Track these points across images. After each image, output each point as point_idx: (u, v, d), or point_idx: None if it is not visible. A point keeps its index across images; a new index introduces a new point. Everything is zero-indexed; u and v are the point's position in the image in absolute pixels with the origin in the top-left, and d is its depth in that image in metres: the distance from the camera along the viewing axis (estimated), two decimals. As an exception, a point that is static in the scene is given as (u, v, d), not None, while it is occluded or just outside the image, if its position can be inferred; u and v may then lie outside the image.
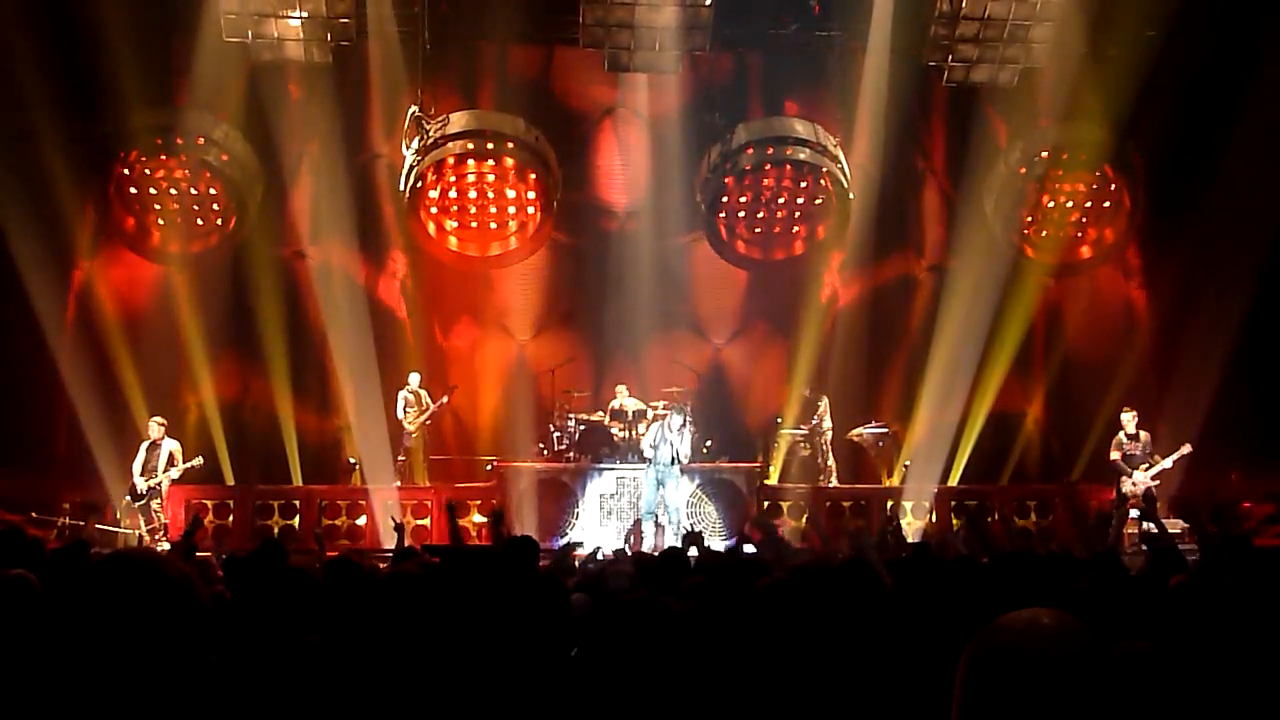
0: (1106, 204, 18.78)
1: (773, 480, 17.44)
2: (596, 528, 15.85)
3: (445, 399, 17.41)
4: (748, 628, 4.06)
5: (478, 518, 16.01)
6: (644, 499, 15.35)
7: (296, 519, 16.00)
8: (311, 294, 17.95)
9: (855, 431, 18.23)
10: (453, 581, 4.45)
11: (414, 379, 17.30)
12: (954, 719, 2.05)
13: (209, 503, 15.88)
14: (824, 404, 17.60)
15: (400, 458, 17.12)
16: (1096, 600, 4.11)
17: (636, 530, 15.10)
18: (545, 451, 17.26)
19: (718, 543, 15.30)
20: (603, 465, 16.45)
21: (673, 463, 15.22)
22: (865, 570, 4.70)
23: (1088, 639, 2.02)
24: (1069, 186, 18.68)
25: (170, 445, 15.17)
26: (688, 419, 15.88)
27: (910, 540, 13.44)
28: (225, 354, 17.94)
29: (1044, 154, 18.45)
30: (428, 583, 4.18)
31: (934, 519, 16.15)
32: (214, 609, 5.06)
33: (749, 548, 8.88)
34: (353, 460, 17.35)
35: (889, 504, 16.19)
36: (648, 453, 15.38)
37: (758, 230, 19.36)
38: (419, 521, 15.85)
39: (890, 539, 8.72)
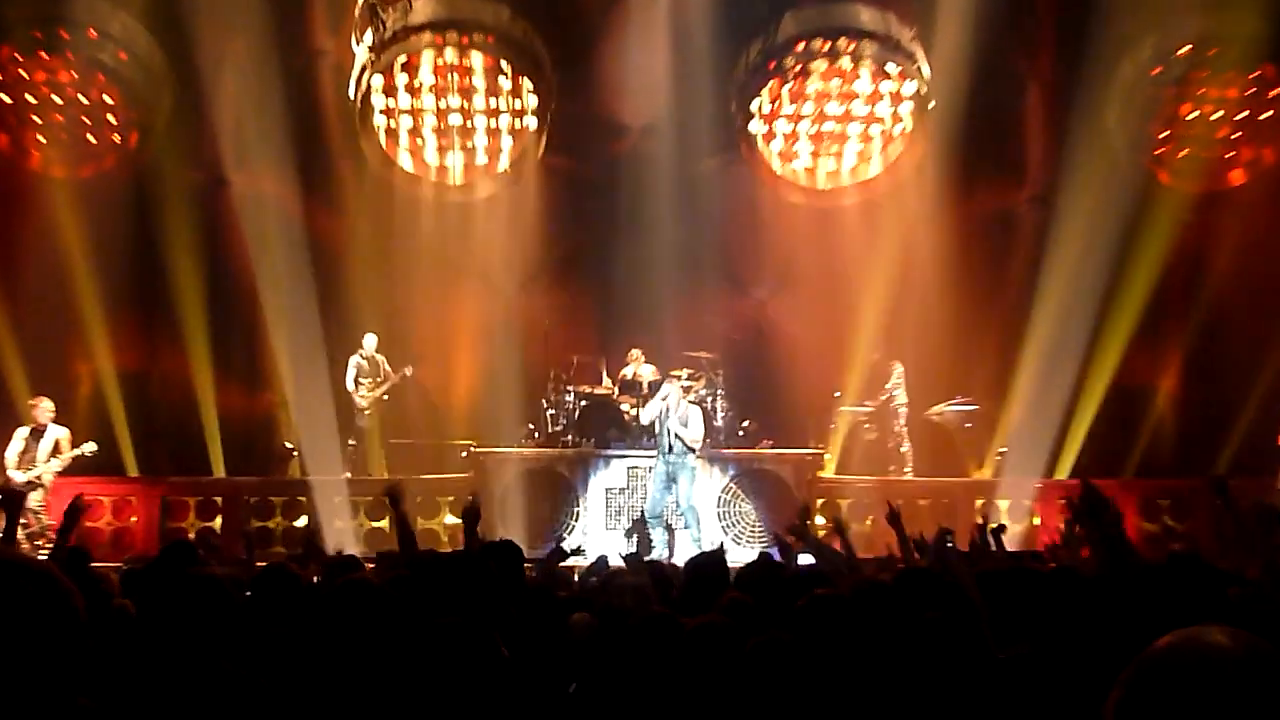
0: (1266, 115, 18.61)
1: (829, 471, 17.48)
2: (601, 531, 15.94)
3: (409, 369, 17.45)
4: (793, 655, 4.05)
5: (449, 519, 16.08)
6: (649, 498, 15.39)
7: (218, 520, 16.05)
8: (237, 234, 17.97)
9: (935, 409, 18.20)
10: (416, 596, 4.45)
11: (369, 342, 17.35)
12: None
13: (105, 499, 15.95)
14: (897, 373, 17.54)
15: (351, 442, 17.21)
16: (1264, 619, 4.07)
17: (641, 534, 15.14)
18: (536, 434, 17.31)
19: (752, 552, 15.28)
20: (610, 452, 16.50)
21: (677, 450, 15.16)
22: (948, 586, 4.68)
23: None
24: (1216, 93, 18.48)
25: (57, 432, 15.18)
26: (700, 388, 15.88)
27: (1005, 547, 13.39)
28: (126, 310, 17.97)
29: (1184, 50, 18.30)
30: (384, 597, 4.18)
31: (1037, 521, 16.13)
32: (109, 630, 5.07)
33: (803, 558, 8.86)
34: (290, 445, 17.44)
35: (979, 502, 16.13)
36: (661, 442, 15.41)
37: (810, 150, 19.25)
38: (375, 524, 15.91)
39: (981, 544, 8.68)
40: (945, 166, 18.70)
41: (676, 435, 15.11)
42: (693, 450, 15.25)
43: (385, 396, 17.41)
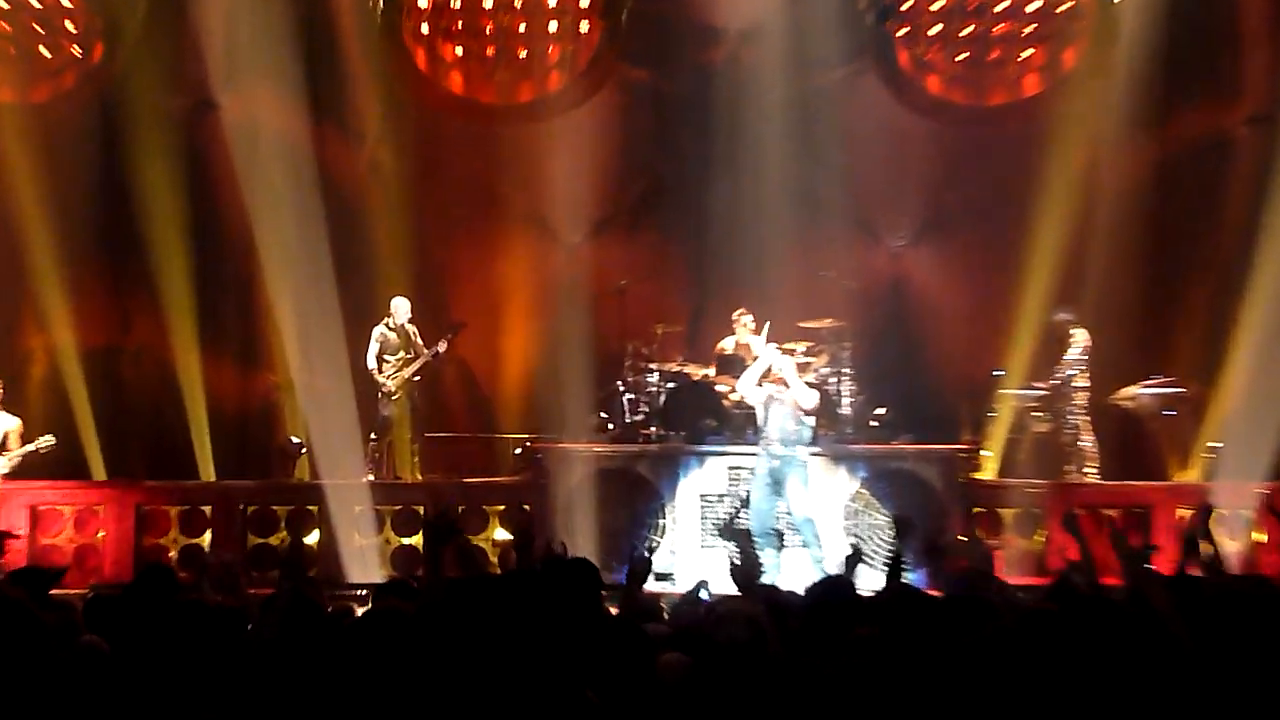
0: None
1: (987, 472, 17.42)
2: (695, 549, 16.03)
3: (444, 342, 17.48)
4: (950, 705, 4.04)
5: (500, 534, 16.13)
6: (752, 508, 15.37)
7: (207, 535, 16.15)
8: (228, 172, 18.10)
9: (1127, 392, 18.02)
10: (467, 629, 4.45)
11: (398, 308, 17.40)
12: None
13: (65, 508, 16.06)
14: (1079, 343, 17.35)
15: (374, 436, 17.34)
16: None
17: (746, 552, 15.06)
18: (610, 426, 17.41)
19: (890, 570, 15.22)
20: (706, 447, 16.50)
21: (786, 444, 15.11)
22: (1147, 616, 4.64)
23: None
24: None
25: (5, 423, 15.35)
26: (820, 366, 16.06)
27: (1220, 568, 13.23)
28: (91, 270, 18.20)
29: None
30: (425, 629, 4.21)
31: (1262, 538, 15.94)
32: (76, 673, 5.15)
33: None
34: (296, 441, 17.60)
35: (1184, 512, 15.95)
36: (765, 431, 15.34)
37: (962, 57, 19.10)
38: (405, 540, 16.03)
39: (1196, 565, 8.60)
40: (1138, 77, 18.46)
41: (788, 425, 15.06)
42: (808, 445, 15.25)
43: (417, 377, 17.45)
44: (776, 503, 15.23)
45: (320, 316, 17.35)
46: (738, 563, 9.22)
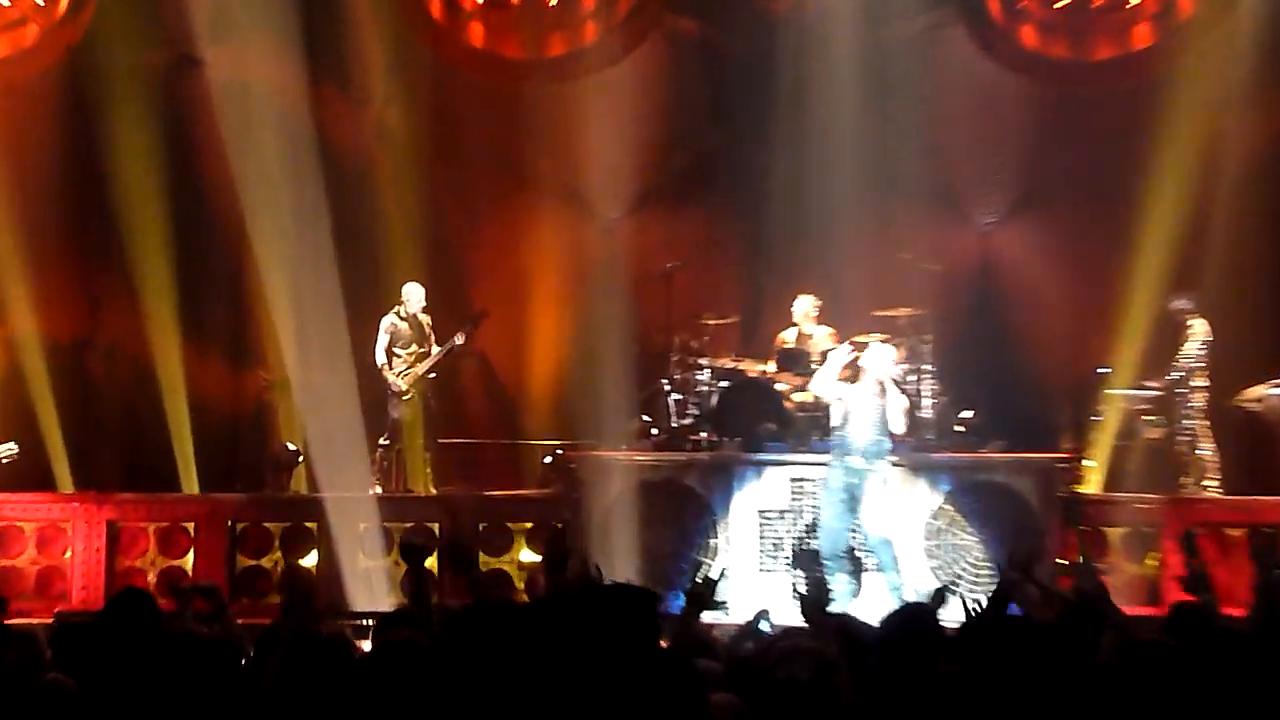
0: None
1: (1091, 485, 17.34)
2: (752, 572, 16.04)
3: (465, 334, 17.50)
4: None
5: (527, 555, 16.19)
6: (822, 528, 15.31)
7: (189, 556, 16.21)
8: (214, 139, 18.09)
9: (1253, 393, 17.83)
10: (490, 664, 4.44)
11: (411, 295, 17.41)
12: None
13: (27, 525, 16.10)
14: (1198, 336, 17.23)
15: (383, 442, 17.37)
16: None
17: (814, 578, 15.02)
18: (655, 431, 17.43)
19: (978, 599, 15.16)
20: (765, 456, 16.48)
21: (864, 454, 15.05)
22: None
23: None
24: None
25: (-38, 428, 15.41)
26: (919, 365, 15.94)
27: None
28: (56, 252, 18.27)
29: None
30: (444, 665, 4.18)
31: None
32: (40, 715, 5.13)
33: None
34: (292, 448, 17.64)
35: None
36: (841, 439, 15.25)
37: (1062, 4, 18.99)
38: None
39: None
40: (1267, 29, 18.34)
41: (869, 435, 14.99)
42: (888, 455, 15.19)
43: (432, 375, 17.47)
44: (850, 521, 15.18)
45: (320, 305, 17.41)
46: (804, 590, 9.21)
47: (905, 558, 15.45)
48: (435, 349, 17.45)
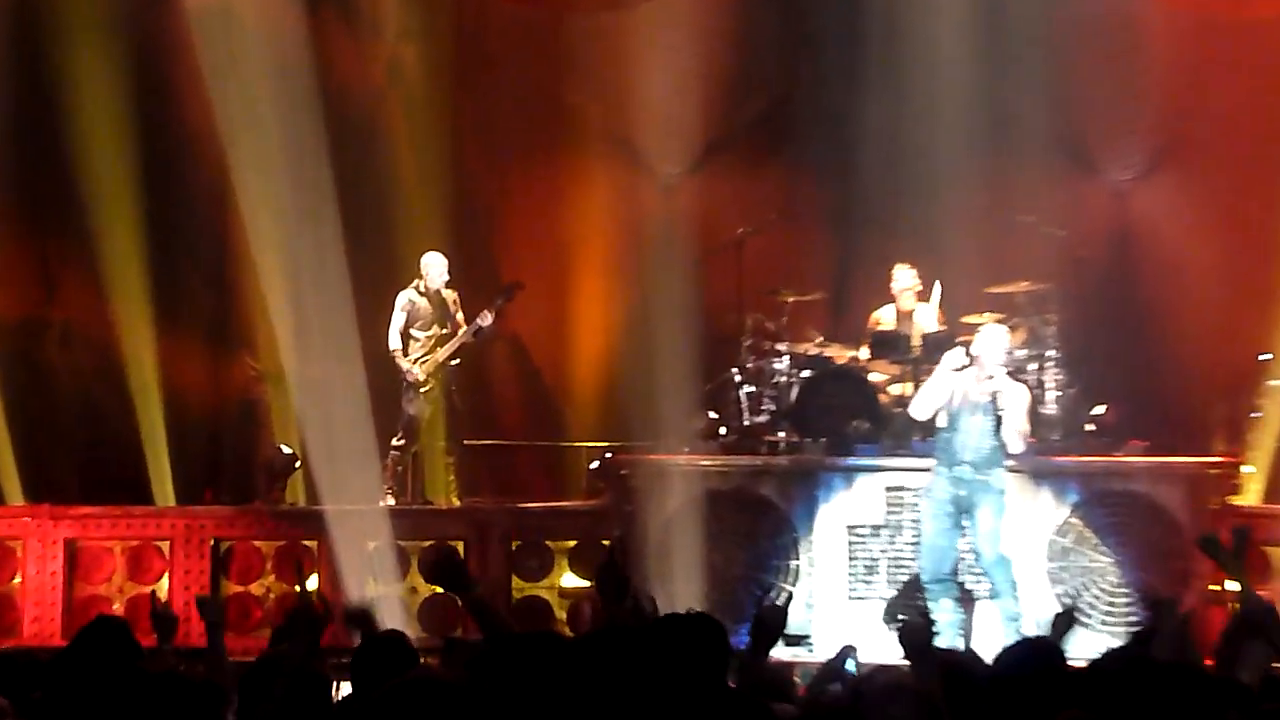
0: None
1: (1250, 495, 17.20)
2: (840, 600, 16.05)
3: (495, 312, 17.41)
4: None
5: (570, 580, 16.20)
6: (924, 545, 15.26)
7: (164, 580, 16.24)
8: (193, 80, 18.11)
9: None
10: (535, 709, 4.37)
11: (432, 268, 17.40)
12: None
13: (-32, 543, 16.23)
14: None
15: (397, 443, 17.34)
16: None
17: (915, 609, 14.97)
18: (723, 430, 17.42)
19: (1112, 639, 15.04)
20: (856, 461, 16.45)
21: (977, 460, 14.94)
22: None
23: None
24: None
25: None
26: (1042, 350, 16.03)
27: None
28: (3, 216, 18.33)
29: None
30: (477, 709, 4.11)
31: None
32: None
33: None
34: (288, 451, 17.64)
35: None
36: (948, 441, 15.15)
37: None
38: (438, 590, 15.78)
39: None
40: None
41: (984, 442, 14.86)
42: (1009, 460, 15.07)
43: (455, 361, 17.44)
44: (958, 538, 15.09)
45: (321, 280, 17.35)
46: (903, 620, 9.16)
47: (1024, 582, 15.37)
48: (461, 331, 17.42)
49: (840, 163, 19.20)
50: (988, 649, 10.03)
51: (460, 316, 17.41)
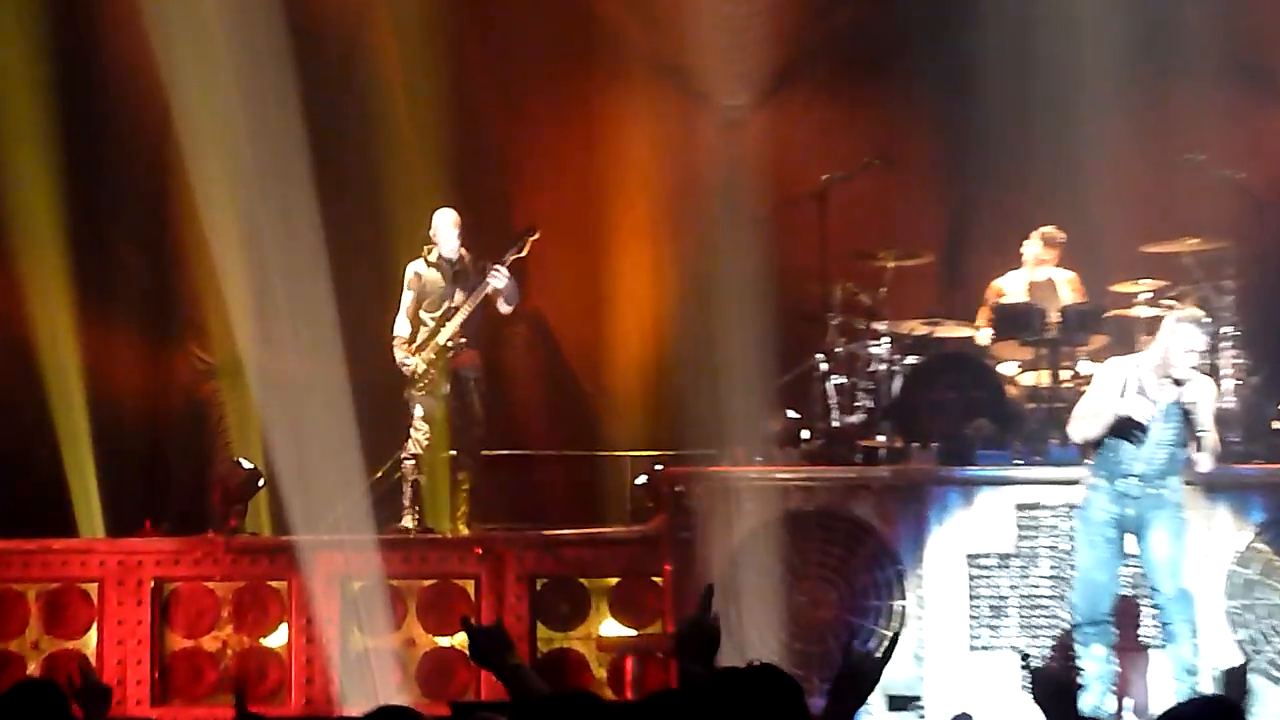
0: None
1: None
2: (958, 652, 16.00)
3: (501, 268, 17.35)
4: None
5: (611, 627, 16.24)
6: (1078, 578, 15.25)
7: (91, 633, 16.30)
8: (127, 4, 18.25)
9: None
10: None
11: (443, 226, 17.50)
12: None
13: None
14: None
15: (409, 453, 17.42)
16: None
17: (1061, 662, 14.99)
18: (807, 433, 17.44)
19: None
20: (978, 471, 16.43)
21: (1150, 470, 14.92)
22: None
23: None
24: None
25: None
26: (1217, 328, 15.98)
27: None
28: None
29: None
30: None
31: None
32: None
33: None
34: (246, 465, 17.66)
35: None
36: (1111, 447, 15.11)
37: None
38: (441, 640, 16.13)
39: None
40: None
41: (1157, 453, 14.83)
42: (1199, 471, 14.96)
43: (461, 342, 17.44)
44: (1118, 568, 15.08)
45: (290, 250, 17.45)
46: (1040, 671, 9.17)
47: (1203, 625, 15.29)
48: (468, 301, 17.46)
49: (951, 91, 19.39)
50: (1152, 710, 10.08)
51: (466, 272, 17.47)
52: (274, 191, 17.41)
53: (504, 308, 17.47)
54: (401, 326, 17.48)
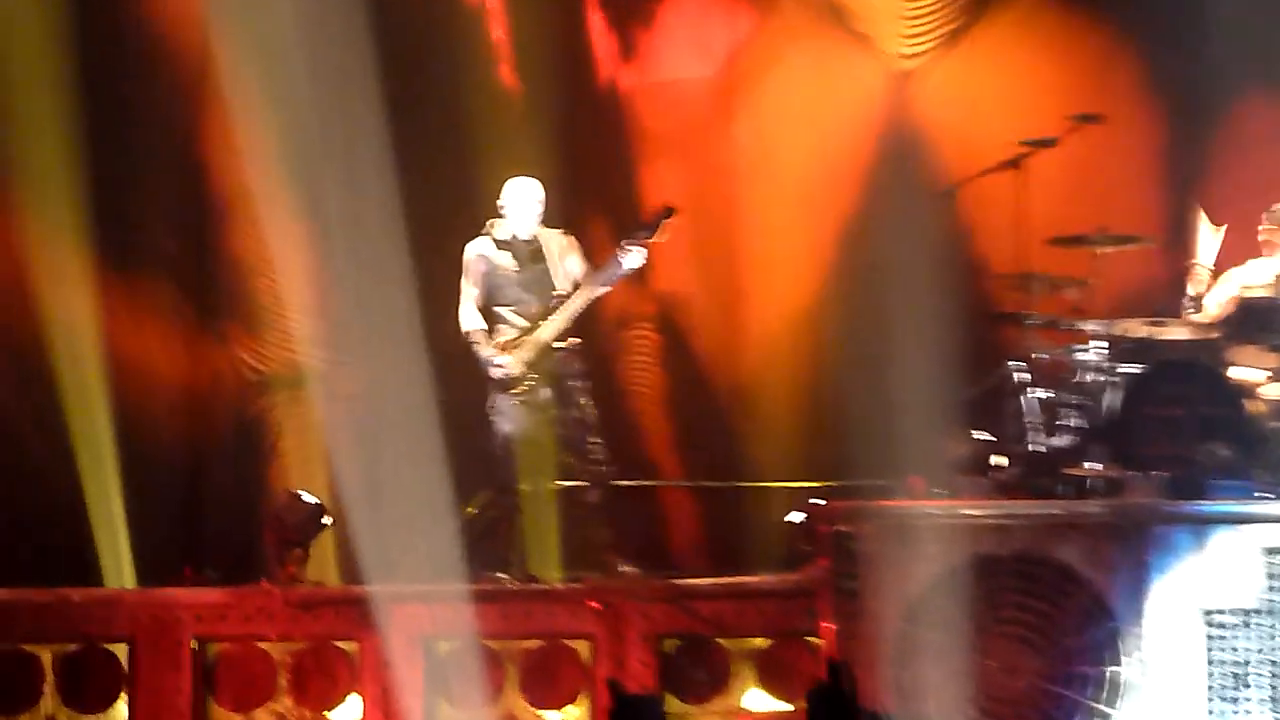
0: None
1: None
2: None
3: (631, 253, 17.35)
4: None
5: (757, 697, 16.19)
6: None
7: (120, 704, 16.38)
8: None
9: None
10: None
11: (517, 200, 17.39)
12: None
13: None
14: None
15: (508, 489, 17.36)
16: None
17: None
18: (1002, 460, 17.42)
19: None
20: (1214, 507, 16.33)
21: None
22: None
23: None
24: None
25: None
26: None
27: None
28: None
29: None
30: None
31: None
32: None
33: None
34: (309, 499, 17.71)
35: None
36: None
37: None
38: (548, 713, 16.17)
39: None
40: None
41: None
42: None
43: (573, 341, 17.45)
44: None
45: (361, 234, 17.72)
46: None
47: None
48: (579, 290, 17.42)
49: (1185, 32, 19.25)
50: None
51: (575, 270, 17.42)
52: (341, 166, 17.48)
53: (600, 292, 17.45)
54: (472, 318, 17.31)
